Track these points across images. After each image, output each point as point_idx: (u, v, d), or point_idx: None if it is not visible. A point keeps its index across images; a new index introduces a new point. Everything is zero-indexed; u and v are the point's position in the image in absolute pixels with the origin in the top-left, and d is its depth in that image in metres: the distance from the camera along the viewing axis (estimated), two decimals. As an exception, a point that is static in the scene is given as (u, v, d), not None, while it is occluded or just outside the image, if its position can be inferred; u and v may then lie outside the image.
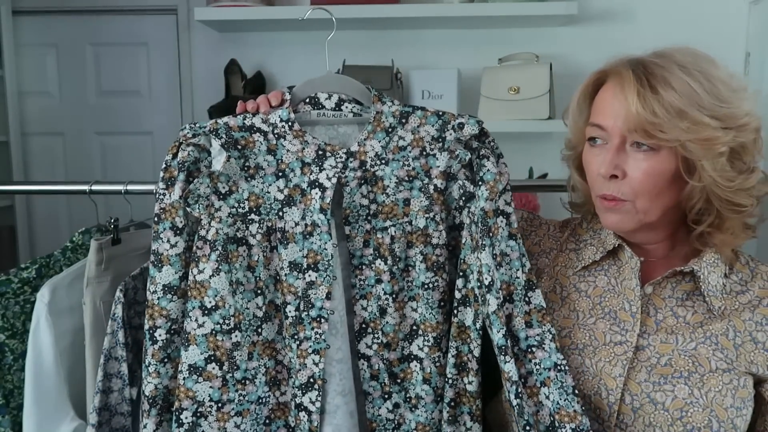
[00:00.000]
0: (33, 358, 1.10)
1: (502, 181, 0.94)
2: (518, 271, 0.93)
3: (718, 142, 0.83)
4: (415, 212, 0.96)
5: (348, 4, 2.06)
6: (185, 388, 0.93)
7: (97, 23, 2.43)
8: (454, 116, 0.97)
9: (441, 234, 0.96)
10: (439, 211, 0.96)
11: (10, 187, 1.66)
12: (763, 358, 0.88)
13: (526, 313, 0.92)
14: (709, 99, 0.84)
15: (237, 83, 2.26)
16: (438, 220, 0.96)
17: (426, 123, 0.97)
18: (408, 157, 0.96)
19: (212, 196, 0.93)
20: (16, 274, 1.17)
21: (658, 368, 0.89)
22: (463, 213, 0.97)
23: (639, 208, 0.88)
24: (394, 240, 0.95)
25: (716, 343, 0.89)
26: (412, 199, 0.96)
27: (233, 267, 0.93)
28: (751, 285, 0.93)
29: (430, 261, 0.95)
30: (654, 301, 0.93)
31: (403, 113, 0.97)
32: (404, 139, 0.97)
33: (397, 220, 0.96)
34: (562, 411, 0.87)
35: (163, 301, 0.94)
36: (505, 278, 0.92)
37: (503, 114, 2.10)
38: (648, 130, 0.84)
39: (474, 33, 2.29)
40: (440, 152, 0.96)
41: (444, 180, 0.96)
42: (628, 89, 0.85)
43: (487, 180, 0.93)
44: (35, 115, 2.50)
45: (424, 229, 0.95)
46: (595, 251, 0.98)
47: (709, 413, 0.85)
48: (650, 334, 0.91)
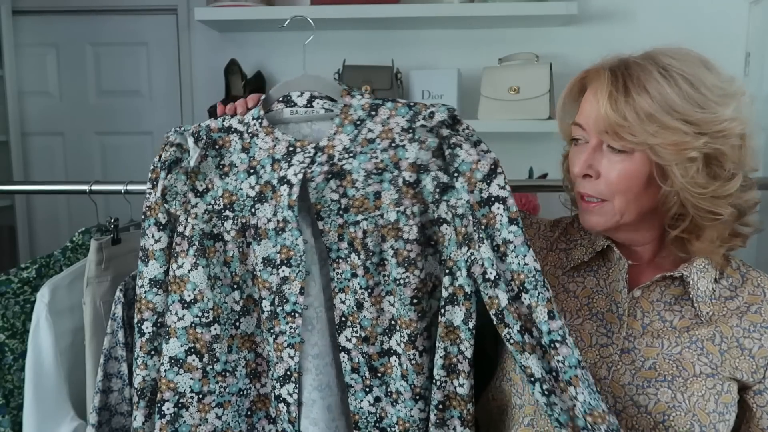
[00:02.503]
0: (33, 358, 1.10)
1: (481, 168, 0.89)
2: (525, 257, 0.87)
3: (687, 147, 0.82)
4: (386, 205, 0.92)
5: (348, 4, 2.06)
6: (167, 379, 0.96)
7: (97, 23, 2.43)
8: (426, 106, 0.94)
9: (412, 229, 0.91)
10: (410, 205, 0.91)
11: (10, 187, 1.66)
12: (748, 364, 0.88)
13: (548, 301, 0.86)
14: (684, 103, 0.83)
15: (237, 83, 2.26)
16: (409, 214, 0.92)
17: (396, 114, 0.94)
18: (376, 149, 0.93)
19: (189, 193, 0.97)
20: (16, 274, 1.17)
21: (642, 371, 0.88)
22: (440, 207, 0.92)
23: (617, 208, 0.88)
24: (366, 234, 0.93)
25: (702, 348, 0.88)
26: (382, 192, 0.93)
27: (210, 262, 0.96)
28: (741, 291, 0.92)
29: (401, 256, 0.91)
30: (642, 305, 0.93)
31: (373, 105, 0.95)
32: (373, 132, 0.94)
33: (369, 213, 0.93)
34: (595, 412, 0.82)
35: (149, 294, 0.97)
36: (513, 267, 0.87)
37: (503, 114, 2.10)
38: (618, 133, 0.84)
39: (474, 33, 2.29)
40: (410, 143, 0.92)
41: (414, 172, 0.91)
42: (601, 92, 0.86)
43: (463, 171, 0.89)
44: (35, 115, 2.50)
45: (395, 222, 0.92)
46: (584, 252, 0.98)
47: (691, 417, 0.84)
48: (636, 337, 0.91)
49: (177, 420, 0.96)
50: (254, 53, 2.34)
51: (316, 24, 1.14)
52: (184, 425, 0.96)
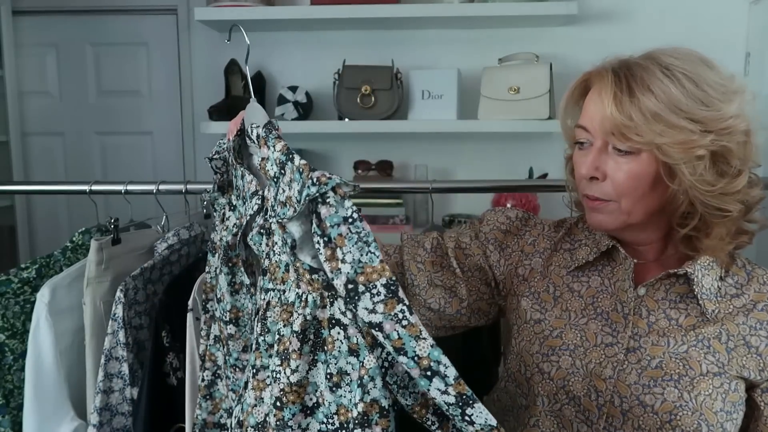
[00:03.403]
0: (33, 358, 1.10)
1: None
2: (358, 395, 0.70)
3: (695, 145, 0.82)
4: (290, 282, 0.76)
5: (348, 4, 2.06)
6: (209, 352, 0.99)
7: (97, 23, 2.43)
8: (308, 174, 0.70)
9: (298, 320, 0.73)
10: (308, 291, 0.73)
11: (10, 187, 1.66)
12: (755, 362, 0.88)
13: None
14: (689, 102, 0.83)
15: (237, 83, 2.26)
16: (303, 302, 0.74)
17: (293, 180, 0.73)
18: (285, 216, 0.73)
19: (226, 206, 0.97)
20: (16, 274, 1.17)
21: (648, 371, 0.88)
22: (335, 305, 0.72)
23: (623, 208, 0.88)
24: (269, 307, 0.79)
25: (708, 346, 0.88)
26: (290, 265, 0.75)
27: (231, 271, 0.94)
28: (747, 288, 0.92)
29: (282, 345, 0.73)
30: (647, 303, 0.92)
31: (282, 162, 0.75)
32: (283, 194, 0.75)
33: (276, 285, 0.79)
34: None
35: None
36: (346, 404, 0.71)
37: (503, 114, 2.10)
38: (624, 133, 0.84)
39: (474, 33, 2.29)
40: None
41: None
42: (605, 93, 0.86)
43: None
44: (35, 115, 2.50)
45: (291, 305, 0.74)
46: (589, 251, 0.98)
47: (698, 417, 0.84)
48: (642, 336, 0.90)
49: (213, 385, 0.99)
50: (254, 53, 2.34)
51: (316, 24, 1.13)
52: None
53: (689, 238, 0.91)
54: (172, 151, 2.48)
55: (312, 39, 2.29)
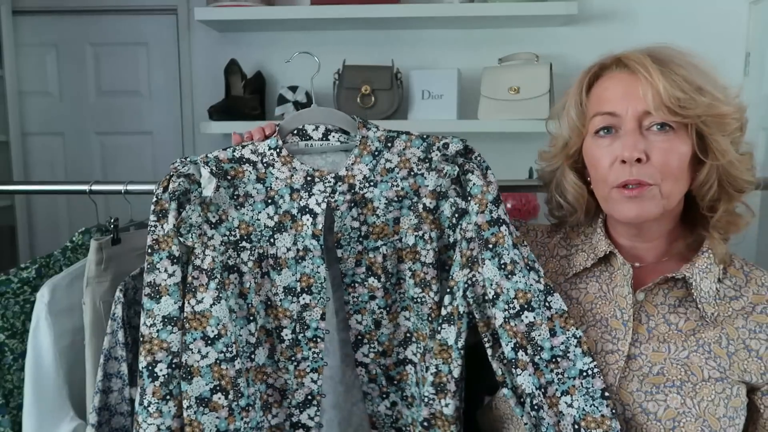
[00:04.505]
0: (33, 358, 1.10)
1: (491, 191, 0.93)
2: (528, 278, 0.91)
3: (730, 118, 0.86)
4: (404, 230, 0.97)
5: (348, 4, 2.06)
6: (197, 422, 0.93)
7: (97, 23, 2.43)
8: (438, 138, 0.99)
9: (429, 253, 0.96)
10: (428, 230, 0.96)
11: (10, 187, 1.66)
12: (757, 366, 0.87)
13: (549, 320, 0.90)
14: (708, 79, 0.86)
15: (237, 83, 2.26)
16: (427, 239, 0.96)
17: (411, 146, 0.99)
18: (396, 178, 0.97)
19: (204, 225, 0.95)
20: (16, 274, 1.17)
21: (650, 377, 0.88)
22: (456, 231, 0.95)
23: (664, 191, 0.87)
24: (386, 258, 0.97)
25: (709, 351, 0.88)
26: (401, 217, 0.98)
27: (226, 294, 0.95)
28: (745, 291, 0.92)
29: (418, 277, 0.96)
30: (646, 308, 0.92)
31: (389, 138, 0.99)
32: (391, 162, 0.98)
33: (388, 239, 0.98)
34: (588, 417, 0.85)
35: (163, 333, 0.93)
36: (519, 286, 0.90)
37: (503, 114, 2.10)
38: (671, 107, 0.84)
39: (474, 33, 2.29)
40: (428, 172, 0.97)
41: (434, 199, 0.96)
42: (651, 70, 0.85)
43: (474, 194, 0.93)
44: (35, 115, 2.50)
45: (413, 246, 0.97)
46: (586, 257, 0.97)
47: (701, 423, 0.84)
48: (642, 343, 0.90)
49: None
50: (254, 53, 2.34)
51: (316, 24, 1.14)
52: None
53: (695, 225, 0.93)
54: (172, 151, 2.47)
55: (312, 39, 2.29)
